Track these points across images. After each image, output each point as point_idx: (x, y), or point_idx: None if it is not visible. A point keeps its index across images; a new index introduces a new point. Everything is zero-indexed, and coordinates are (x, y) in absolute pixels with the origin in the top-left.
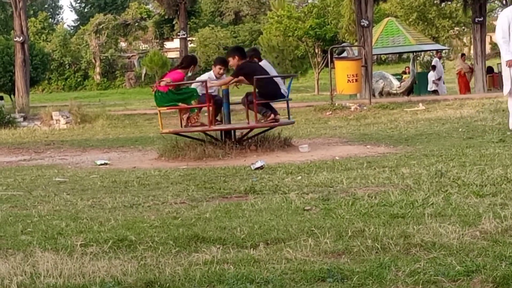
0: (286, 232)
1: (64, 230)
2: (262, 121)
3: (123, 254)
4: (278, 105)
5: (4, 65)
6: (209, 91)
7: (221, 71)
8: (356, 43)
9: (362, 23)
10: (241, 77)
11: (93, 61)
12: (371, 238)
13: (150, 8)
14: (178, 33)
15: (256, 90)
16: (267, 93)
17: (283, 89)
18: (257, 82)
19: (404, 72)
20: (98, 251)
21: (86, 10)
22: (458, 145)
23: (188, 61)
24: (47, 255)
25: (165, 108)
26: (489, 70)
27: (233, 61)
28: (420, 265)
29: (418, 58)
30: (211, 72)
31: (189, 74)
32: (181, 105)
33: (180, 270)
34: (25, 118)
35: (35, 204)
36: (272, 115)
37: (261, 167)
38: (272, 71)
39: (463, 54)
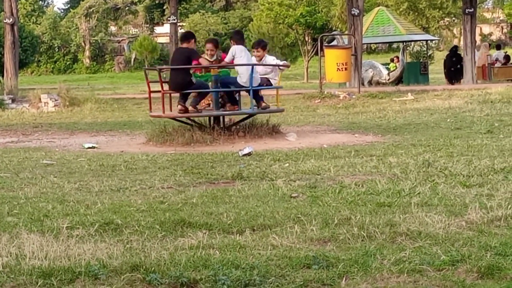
0: (272, 218)
1: (51, 213)
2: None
3: (109, 238)
4: (267, 92)
5: None
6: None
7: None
8: (347, 32)
9: (352, 12)
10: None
11: (83, 44)
12: (357, 226)
13: None
14: (169, 18)
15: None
16: None
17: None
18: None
19: (392, 60)
20: (84, 234)
21: None
22: (446, 135)
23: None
24: (33, 237)
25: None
26: (507, 58)
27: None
28: (406, 254)
29: (408, 48)
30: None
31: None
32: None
33: (165, 254)
34: (13, 100)
35: (22, 186)
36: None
37: (249, 154)
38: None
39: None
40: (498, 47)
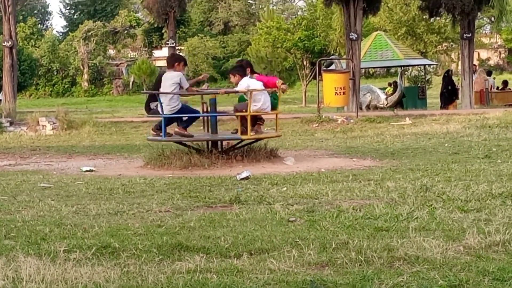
0: (270, 242)
1: (48, 236)
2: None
3: (106, 261)
4: (266, 117)
5: None
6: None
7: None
8: (345, 56)
9: (351, 36)
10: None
11: (81, 67)
12: (355, 250)
13: (140, 16)
14: (167, 42)
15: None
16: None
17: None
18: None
19: (390, 85)
20: (81, 258)
21: (75, 16)
22: (444, 160)
23: None
24: (30, 260)
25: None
26: (505, 83)
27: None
28: (403, 278)
29: (406, 72)
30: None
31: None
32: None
33: (163, 278)
34: (11, 123)
35: (19, 209)
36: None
37: (246, 178)
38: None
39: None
40: (489, 74)
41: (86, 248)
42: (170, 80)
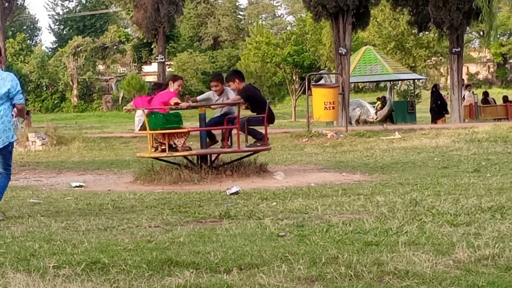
0: (260, 257)
1: (37, 252)
2: (258, 144)
3: (96, 277)
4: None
5: None
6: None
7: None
8: (334, 70)
9: (340, 51)
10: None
11: (71, 83)
12: (345, 265)
13: (129, 32)
14: (156, 57)
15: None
16: (269, 117)
17: None
18: (263, 106)
19: (379, 99)
20: (71, 274)
21: (64, 32)
22: (433, 174)
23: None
24: (19, 277)
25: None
26: (505, 99)
27: (234, 85)
28: None
29: (395, 87)
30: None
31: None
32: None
33: None
34: None
35: (9, 225)
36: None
37: (236, 193)
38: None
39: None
40: (467, 87)
41: (75, 264)
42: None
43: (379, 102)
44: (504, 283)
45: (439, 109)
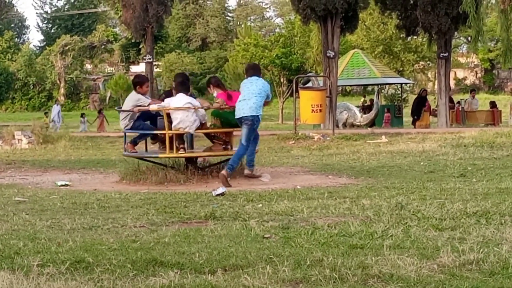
0: (244, 259)
1: (22, 250)
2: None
3: (80, 276)
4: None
5: None
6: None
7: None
8: (322, 73)
9: (328, 54)
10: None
11: (58, 82)
12: (329, 267)
13: (117, 31)
14: (144, 57)
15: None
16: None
17: None
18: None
19: (365, 102)
20: (55, 272)
21: (52, 30)
22: (419, 178)
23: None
24: (2, 274)
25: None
26: (493, 104)
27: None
28: None
29: (383, 91)
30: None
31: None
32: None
33: None
34: None
35: None
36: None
37: (222, 194)
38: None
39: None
40: (471, 92)
41: (60, 263)
42: (130, 101)
43: (364, 99)
44: None
45: (417, 112)
